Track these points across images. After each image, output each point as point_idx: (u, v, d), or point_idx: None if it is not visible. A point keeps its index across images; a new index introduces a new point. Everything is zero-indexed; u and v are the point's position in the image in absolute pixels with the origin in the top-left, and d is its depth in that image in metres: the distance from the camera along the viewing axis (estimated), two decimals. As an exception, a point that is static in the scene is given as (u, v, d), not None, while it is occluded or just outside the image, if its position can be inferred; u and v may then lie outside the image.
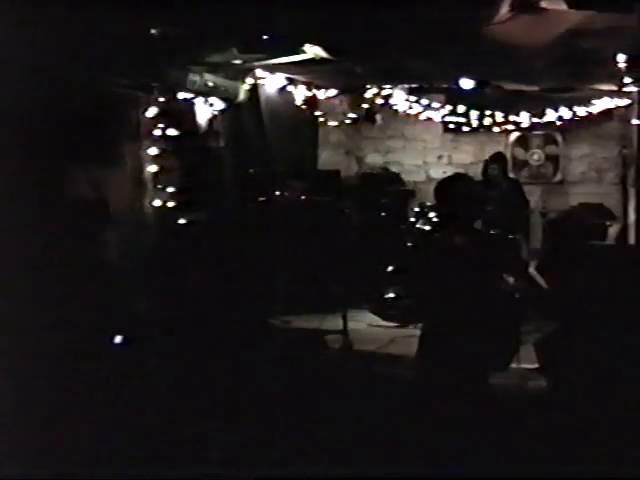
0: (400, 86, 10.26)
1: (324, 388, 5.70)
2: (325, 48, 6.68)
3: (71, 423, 4.66)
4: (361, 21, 5.53)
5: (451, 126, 11.36)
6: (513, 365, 4.86)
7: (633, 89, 8.48)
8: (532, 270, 9.21)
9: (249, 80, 8.62)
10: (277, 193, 9.07)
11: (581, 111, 10.36)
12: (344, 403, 5.48)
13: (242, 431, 4.94)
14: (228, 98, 8.62)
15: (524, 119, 10.73)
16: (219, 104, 8.59)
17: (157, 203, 7.38)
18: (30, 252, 5.14)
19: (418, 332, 4.96)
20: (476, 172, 10.71)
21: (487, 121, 10.80)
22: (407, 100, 10.53)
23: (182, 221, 7.48)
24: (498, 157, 10.37)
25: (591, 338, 5.60)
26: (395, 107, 10.75)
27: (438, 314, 4.77)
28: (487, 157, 10.65)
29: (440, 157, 11.93)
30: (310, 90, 9.68)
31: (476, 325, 4.53)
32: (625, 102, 9.89)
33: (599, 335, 5.57)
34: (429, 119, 11.03)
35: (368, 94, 10.27)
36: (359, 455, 4.71)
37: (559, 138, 11.45)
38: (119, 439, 4.69)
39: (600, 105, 10.19)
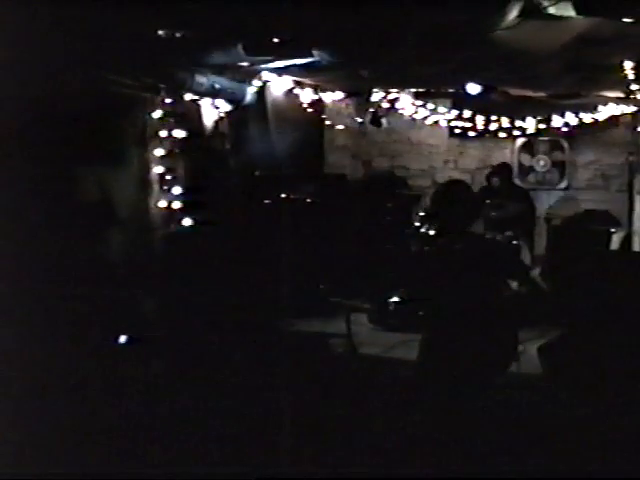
0: (406, 90, 10.27)
1: (327, 391, 5.70)
2: (332, 51, 6.69)
3: (71, 423, 4.67)
4: (368, 25, 5.54)
5: (457, 131, 11.35)
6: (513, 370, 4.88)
7: (640, 96, 8.47)
8: (535, 274, 9.21)
9: (256, 82, 8.63)
10: (283, 196, 9.07)
11: (588, 118, 10.35)
12: (347, 406, 5.48)
13: (245, 433, 4.94)
14: (235, 100, 8.63)
15: (530, 125, 10.72)
16: (225, 106, 8.60)
17: (163, 204, 7.39)
18: (35, 253, 5.15)
19: (420, 336, 4.97)
20: (482, 177, 10.77)
21: (493, 126, 10.79)
22: (413, 104, 10.53)
23: (187, 222, 7.48)
24: (502, 168, 10.37)
25: (595, 344, 5.59)
26: (401, 111, 10.75)
27: (439, 319, 4.78)
28: (492, 164, 10.68)
29: (446, 162, 11.93)
30: (316, 93, 9.68)
31: (477, 330, 4.54)
32: (632, 109, 9.87)
33: (603, 341, 5.57)
34: (435, 123, 11.03)
35: (374, 98, 10.27)
36: (361, 457, 4.71)
37: (565, 144, 11.44)
38: (120, 438, 4.70)
39: (607, 112, 10.18)
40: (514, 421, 5.02)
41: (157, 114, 7.32)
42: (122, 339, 5.86)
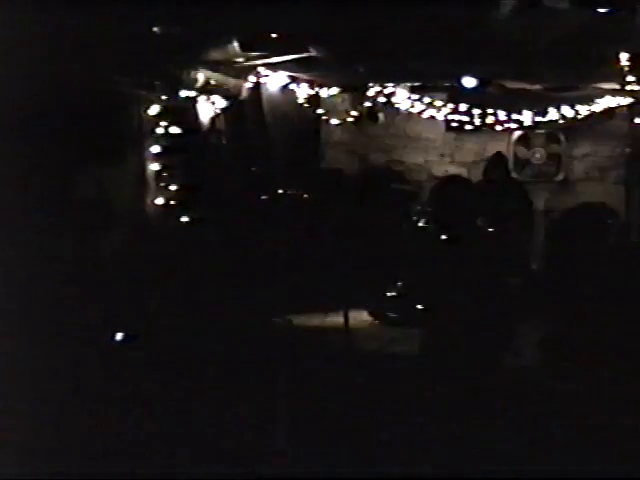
0: (402, 84, 10.26)
1: (325, 386, 5.70)
2: (328, 46, 6.68)
3: (71, 422, 4.67)
4: (364, 19, 5.53)
5: (453, 125, 11.33)
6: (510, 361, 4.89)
7: (636, 88, 8.46)
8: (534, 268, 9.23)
9: (251, 78, 8.62)
10: (279, 191, 9.07)
11: (584, 110, 10.34)
12: (345, 401, 5.48)
13: (243, 430, 4.94)
14: (230, 96, 8.61)
15: (526, 118, 10.71)
16: (221, 102, 8.58)
17: (160, 201, 7.38)
18: (33, 251, 5.15)
19: (419, 331, 4.98)
20: (478, 171, 10.75)
21: (489, 119, 10.78)
22: (409, 98, 10.52)
23: (184, 219, 7.48)
24: (498, 157, 10.38)
25: (592, 338, 5.60)
26: (397, 105, 10.74)
27: (438, 312, 4.79)
28: (488, 156, 10.67)
29: (442, 156, 11.91)
30: (312, 88, 9.67)
31: (476, 323, 4.55)
32: (628, 101, 9.87)
33: (603, 334, 5.58)
34: (431, 117, 11.02)
35: (370, 92, 10.26)
36: (360, 454, 4.71)
37: (561, 137, 11.43)
38: (119, 438, 4.69)
39: (603, 104, 10.17)
40: (514, 415, 5.02)
41: (153, 111, 7.31)
42: (119, 336, 5.86)
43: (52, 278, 5.32)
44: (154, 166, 7.37)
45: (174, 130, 7.43)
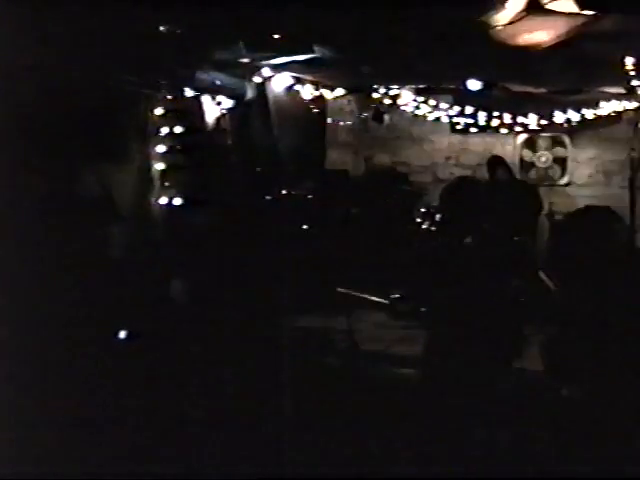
0: (408, 86, 10.26)
1: (329, 388, 5.70)
2: (333, 47, 6.69)
3: (71, 422, 4.67)
4: (369, 21, 5.53)
5: (459, 127, 11.34)
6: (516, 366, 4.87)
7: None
8: (541, 273, 9.20)
9: (257, 79, 8.62)
10: (284, 192, 9.07)
11: (589, 113, 10.34)
12: (349, 403, 5.48)
13: (245, 430, 4.94)
14: (236, 96, 8.62)
15: (532, 121, 10.71)
16: (227, 102, 8.59)
17: (164, 201, 7.38)
18: (36, 250, 5.16)
19: (423, 332, 4.97)
20: (483, 173, 10.76)
21: (495, 122, 10.79)
22: (415, 100, 10.52)
23: (188, 219, 7.48)
24: (494, 160, 10.44)
25: (595, 342, 5.58)
26: (403, 107, 10.74)
27: (443, 315, 4.78)
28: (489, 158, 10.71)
29: (448, 158, 11.92)
30: (318, 89, 9.68)
31: (481, 326, 4.54)
32: (633, 105, 9.86)
33: (603, 339, 5.56)
34: (437, 120, 11.02)
35: (376, 94, 10.27)
36: (363, 455, 4.71)
37: (567, 140, 11.43)
38: (119, 438, 4.70)
39: (608, 108, 10.17)
40: (518, 418, 5.02)
41: (158, 111, 7.32)
42: (122, 334, 5.87)
43: (56, 276, 5.33)
44: (159, 165, 7.37)
45: (179, 130, 7.43)
